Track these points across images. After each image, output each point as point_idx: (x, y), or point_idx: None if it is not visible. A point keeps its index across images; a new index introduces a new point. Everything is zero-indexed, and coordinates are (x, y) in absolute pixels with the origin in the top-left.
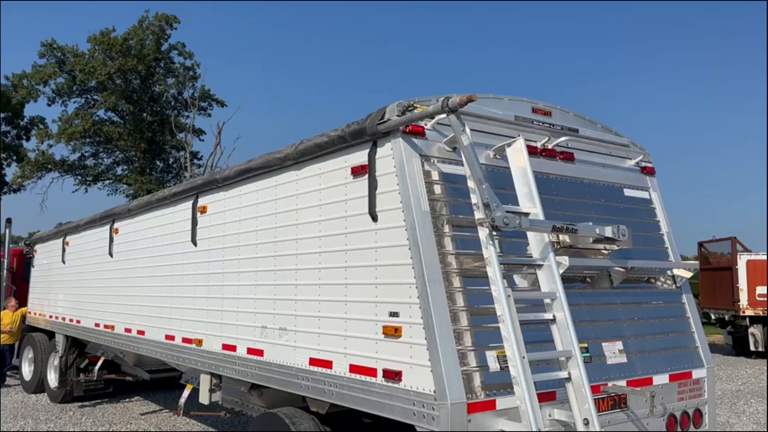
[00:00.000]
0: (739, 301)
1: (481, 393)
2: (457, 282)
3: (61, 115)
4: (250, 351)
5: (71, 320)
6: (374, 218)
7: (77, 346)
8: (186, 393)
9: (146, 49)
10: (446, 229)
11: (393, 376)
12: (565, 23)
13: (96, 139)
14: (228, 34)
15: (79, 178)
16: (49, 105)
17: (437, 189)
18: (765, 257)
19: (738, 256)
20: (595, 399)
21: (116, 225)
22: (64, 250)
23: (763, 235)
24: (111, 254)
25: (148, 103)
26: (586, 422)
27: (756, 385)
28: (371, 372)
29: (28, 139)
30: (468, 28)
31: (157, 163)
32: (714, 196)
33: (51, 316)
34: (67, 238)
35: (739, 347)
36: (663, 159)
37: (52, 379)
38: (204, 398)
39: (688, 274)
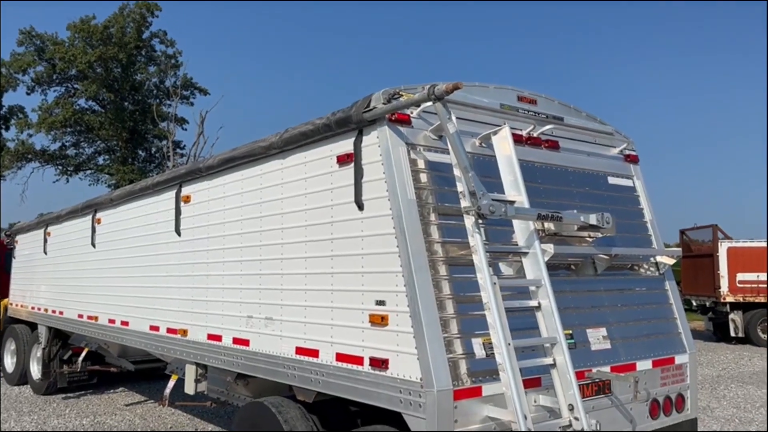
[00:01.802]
0: (719, 288)
1: (467, 380)
2: (443, 270)
3: (41, 104)
4: (236, 341)
5: (54, 311)
6: (360, 207)
7: (60, 337)
8: (171, 383)
9: (127, 37)
10: (432, 217)
11: (380, 364)
12: (554, 13)
13: (77, 128)
14: (211, 21)
15: (60, 168)
16: (28, 94)
17: (423, 177)
18: (744, 245)
19: (719, 244)
20: (579, 385)
21: (98, 215)
22: (45, 240)
23: (743, 223)
24: (93, 245)
25: (129, 91)
26: (571, 408)
27: (736, 370)
28: (358, 360)
29: (7, 129)
30: (456, 18)
31: (140, 152)
32: (696, 184)
33: (33, 308)
34: (49, 229)
35: (719, 333)
36: (646, 147)
37: (35, 370)
38: (189, 388)
39: (671, 261)
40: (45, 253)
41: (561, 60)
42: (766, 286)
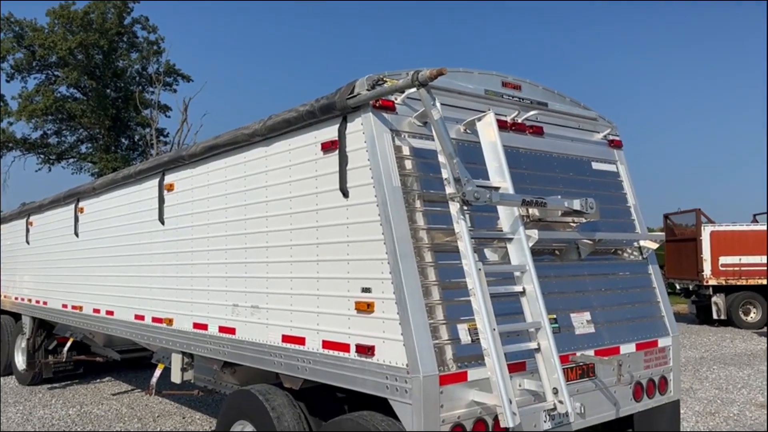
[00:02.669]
0: (702, 271)
1: (452, 365)
2: (428, 257)
3: (21, 91)
4: (222, 329)
5: (38, 301)
6: (345, 194)
7: (45, 327)
8: (157, 372)
9: (108, 23)
10: (417, 204)
11: (366, 350)
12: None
13: (58, 116)
14: (193, 6)
15: (42, 156)
16: (8, 81)
17: (408, 164)
18: (727, 228)
19: (702, 228)
20: (563, 369)
21: (81, 204)
22: (28, 230)
23: (724, 208)
24: (77, 234)
25: (111, 78)
26: (555, 391)
27: (718, 352)
28: (344, 347)
29: None
30: (440, 4)
31: (122, 140)
32: (679, 168)
33: (16, 298)
34: (31, 218)
35: (702, 316)
36: (629, 132)
37: (20, 361)
38: (176, 377)
39: (654, 246)
40: (27, 242)
41: (547, 48)
42: (764, 269)
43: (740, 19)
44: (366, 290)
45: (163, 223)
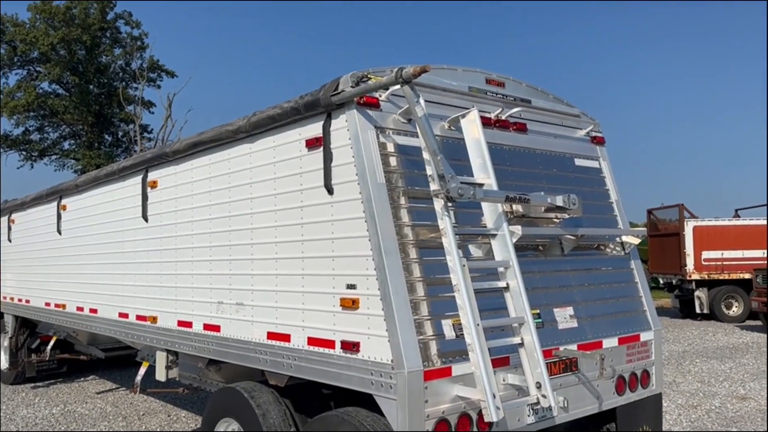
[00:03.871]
0: (685, 266)
1: (437, 360)
2: (413, 253)
3: (3, 87)
4: (207, 327)
5: (20, 300)
6: (330, 191)
7: (28, 326)
8: (142, 370)
9: (91, 18)
10: (402, 200)
11: (351, 347)
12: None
13: (40, 112)
14: (177, 1)
15: (24, 153)
16: None
17: (392, 161)
18: (710, 223)
19: (685, 223)
20: (547, 363)
21: (64, 201)
22: (9, 228)
23: (707, 203)
24: (59, 231)
25: (94, 74)
26: (539, 386)
27: (701, 346)
28: (329, 344)
29: None
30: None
31: (106, 137)
32: (662, 164)
33: None
34: (13, 216)
35: (685, 310)
36: (613, 128)
37: (3, 360)
38: (161, 375)
39: (636, 241)
40: (9, 240)
41: (545, 48)
42: (746, 263)
43: (734, 18)
44: (351, 287)
45: (146, 220)
